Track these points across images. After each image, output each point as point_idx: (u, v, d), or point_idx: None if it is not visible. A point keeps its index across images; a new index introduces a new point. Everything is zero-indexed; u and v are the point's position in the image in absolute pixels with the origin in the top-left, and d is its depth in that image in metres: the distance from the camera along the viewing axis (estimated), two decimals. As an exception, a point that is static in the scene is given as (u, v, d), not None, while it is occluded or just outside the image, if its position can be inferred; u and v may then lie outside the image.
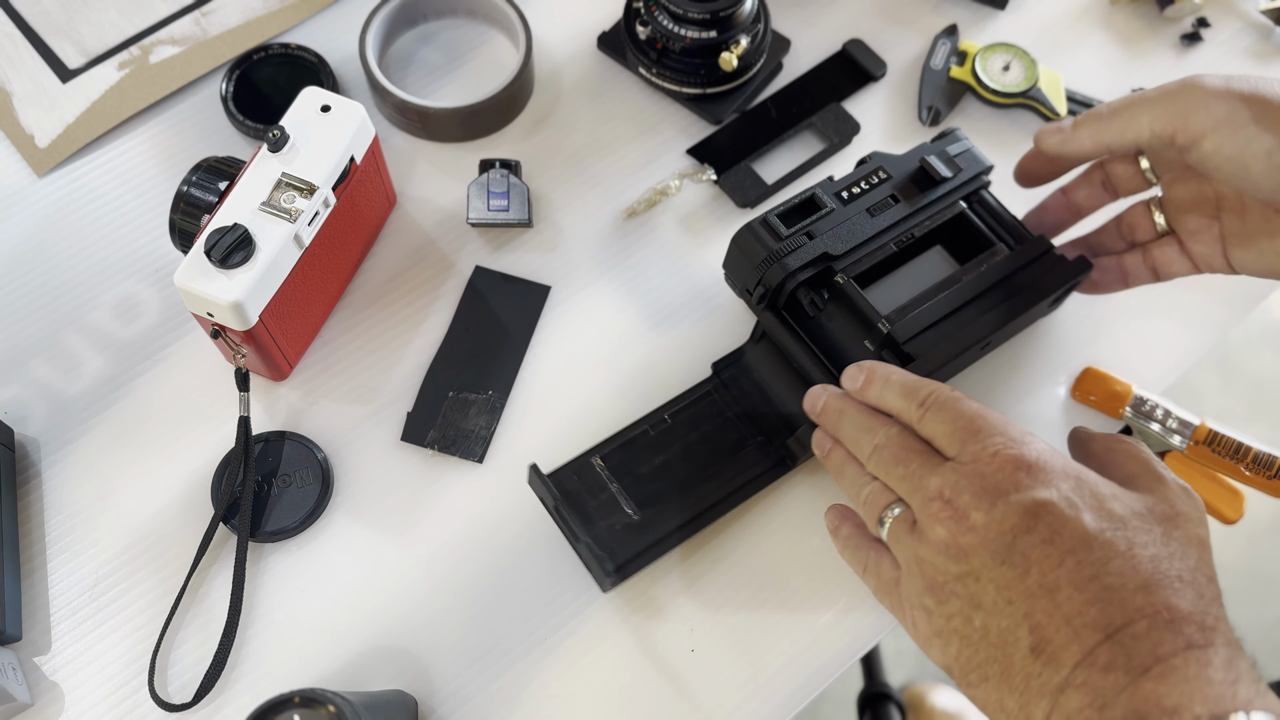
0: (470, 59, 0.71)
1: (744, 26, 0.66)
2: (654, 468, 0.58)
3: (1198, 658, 0.37)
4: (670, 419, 0.59)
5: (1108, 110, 0.52)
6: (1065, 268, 0.55)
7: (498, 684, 0.55)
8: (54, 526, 0.58)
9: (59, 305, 0.63)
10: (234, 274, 0.53)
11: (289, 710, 0.45)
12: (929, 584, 0.43)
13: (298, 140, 0.56)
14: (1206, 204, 0.54)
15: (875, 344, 0.53)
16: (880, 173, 0.57)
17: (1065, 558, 0.40)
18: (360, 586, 0.57)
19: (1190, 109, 0.48)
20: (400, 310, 0.63)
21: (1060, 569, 0.40)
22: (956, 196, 0.57)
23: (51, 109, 0.68)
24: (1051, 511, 0.41)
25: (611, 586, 0.56)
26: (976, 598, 0.41)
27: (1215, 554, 0.43)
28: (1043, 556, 0.40)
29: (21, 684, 0.53)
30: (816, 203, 0.56)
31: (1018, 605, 0.40)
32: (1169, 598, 0.39)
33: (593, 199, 0.67)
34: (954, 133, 0.59)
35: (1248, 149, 0.47)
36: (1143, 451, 0.46)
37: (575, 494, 0.57)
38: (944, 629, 0.42)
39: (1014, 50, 0.71)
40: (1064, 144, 0.54)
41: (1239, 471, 0.60)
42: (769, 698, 0.55)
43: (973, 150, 0.58)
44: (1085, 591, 0.39)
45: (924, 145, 0.58)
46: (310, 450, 0.59)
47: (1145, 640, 0.38)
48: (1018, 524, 0.41)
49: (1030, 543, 0.40)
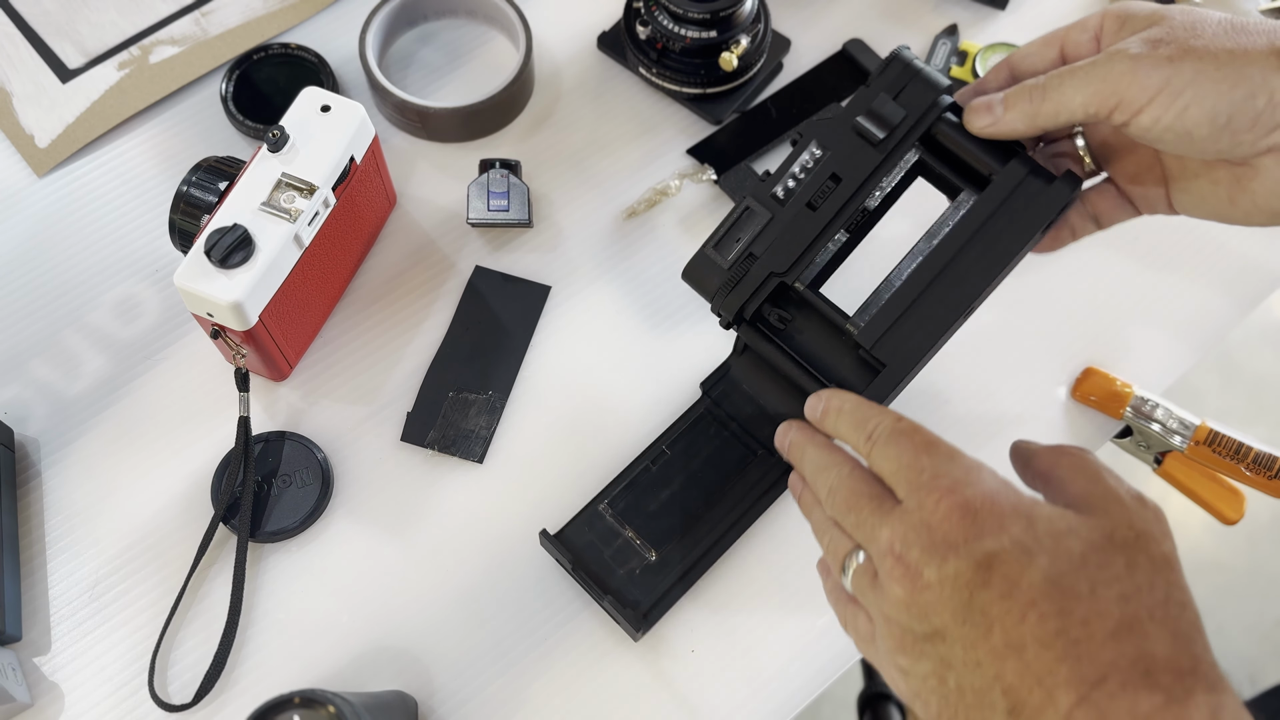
0: (470, 59, 0.71)
1: (744, 26, 0.66)
2: (662, 503, 0.57)
3: (1176, 716, 0.35)
4: (669, 450, 0.58)
5: (1039, 90, 0.47)
6: (1047, 197, 0.48)
7: (498, 684, 0.55)
8: (54, 526, 0.58)
9: (59, 305, 0.63)
10: (234, 274, 0.53)
11: (289, 710, 0.45)
12: (899, 644, 0.41)
13: (298, 140, 0.56)
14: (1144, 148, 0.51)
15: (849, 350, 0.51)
16: (814, 148, 0.50)
17: (1027, 612, 0.37)
18: (360, 586, 0.57)
19: (1123, 85, 0.45)
20: (400, 310, 0.63)
21: (1024, 625, 0.37)
22: (911, 142, 0.50)
23: (51, 109, 0.68)
24: (1005, 562, 0.38)
25: (640, 637, 0.55)
26: (946, 658, 0.39)
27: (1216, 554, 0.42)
28: (1003, 612, 0.38)
29: (21, 684, 0.53)
30: (753, 214, 0.51)
31: (986, 667, 0.38)
32: (1141, 644, 0.36)
33: (593, 199, 0.67)
34: (896, 59, 0.50)
35: (1187, 115, 0.44)
36: (1089, 463, 0.42)
37: (589, 546, 0.56)
38: (921, 690, 0.40)
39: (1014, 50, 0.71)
40: (994, 126, 0.49)
41: (1239, 471, 0.60)
42: (769, 698, 0.55)
43: (923, 74, 0.49)
44: (1052, 649, 0.37)
45: (859, 94, 0.50)
46: (310, 450, 0.59)
47: (1121, 699, 0.36)
48: (972, 579, 0.38)
49: (989, 598, 0.38)
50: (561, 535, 0.56)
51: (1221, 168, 0.48)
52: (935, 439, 0.42)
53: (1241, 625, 1.37)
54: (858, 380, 0.50)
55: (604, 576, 0.55)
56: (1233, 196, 0.48)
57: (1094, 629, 0.37)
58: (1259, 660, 1.35)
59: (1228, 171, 0.47)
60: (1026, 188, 0.49)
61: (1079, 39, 0.49)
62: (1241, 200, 0.48)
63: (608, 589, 0.55)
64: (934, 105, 0.50)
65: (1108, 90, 0.45)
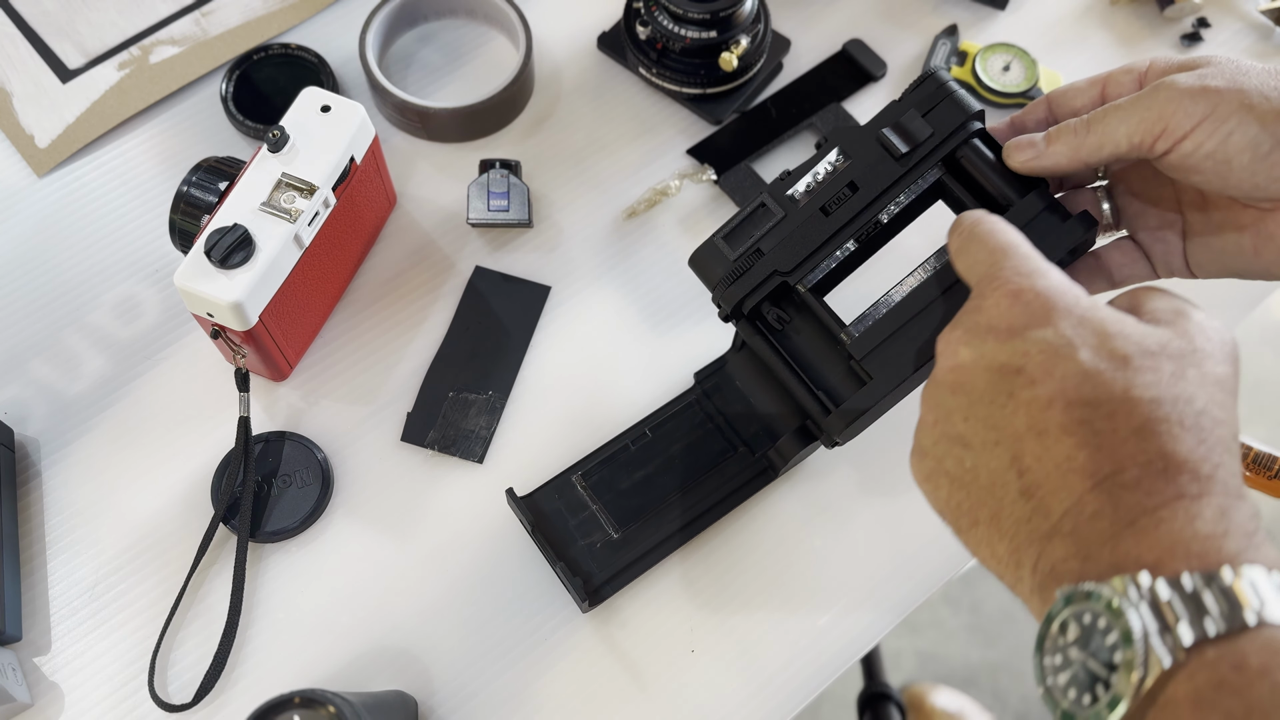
0: (470, 59, 0.71)
1: (744, 26, 0.66)
2: (635, 483, 0.57)
3: (1186, 509, 0.36)
4: (651, 433, 0.59)
5: (1083, 125, 0.49)
6: (1060, 233, 0.48)
7: (498, 684, 0.55)
8: (54, 526, 0.58)
9: (59, 305, 0.63)
10: (234, 274, 0.53)
11: (289, 711, 0.45)
12: (926, 420, 0.42)
13: (298, 140, 0.56)
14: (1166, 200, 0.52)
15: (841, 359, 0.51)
16: (838, 156, 0.51)
17: (1054, 399, 0.38)
18: (360, 586, 0.57)
19: (1169, 112, 0.46)
20: (400, 310, 0.63)
21: (1049, 411, 0.38)
22: (933, 161, 0.50)
23: (51, 109, 0.68)
24: (1044, 350, 0.39)
25: (589, 609, 0.56)
26: (966, 437, 0.40)
27: None
28: (1031, 398, 0.38)
29: (21, 684, 0.53)
30: (767, 211, 0.51)
31: (1005, 446, 0.39)
32: (1164, 444, 0.36)
33: (593, 199, 0.67)
34: (931, 78, 0.51)
35: (1230, 142, 0.45)
36: (1168, 291, 0.43)
37: (555, 514, 0.56)
38: (935, 470, 0.41)
39: (1014, 50, 0.71)
40: (1037, 160, 0.49)
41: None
42: (769, 698, 0.55)
43: (955, 96, 0.50)
44: (1074, 435, 0.37)
45: (889, 108, 0.51)
46: (310, 450, 0.59)
47: (1135, 490, 0.36)
48: (1006, 363, 0.39)
49: (1020, 383, 0.39)
50: (529, 498, 0.57)
51: (1248, 214, 0.48)
52: (1019, 238, 0.43)
53: (1241, 625, 1.37)
54: (844, 389, 0.50)
55: (563, 544, 0.55)
56: (1258, 247, 0.48)
57: (1118, 423, 0.37)
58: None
59: (1254, 219, 0.48)
60: (1041, 222, 0.48)
61: (1122, 80, 0.49)
62: (1267, 250, 0.48)
63: (563, 556, 0.55)
64: (962, 128, 0.50)
65: (1153, 117, 0.46)
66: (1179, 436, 0.37)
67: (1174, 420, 0.37)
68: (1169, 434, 0.37)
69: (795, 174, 0.51)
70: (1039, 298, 0.40)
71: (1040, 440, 0.38)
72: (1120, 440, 0.37)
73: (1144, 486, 0.36)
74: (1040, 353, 0.39)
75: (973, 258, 0.43)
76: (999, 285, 0.41)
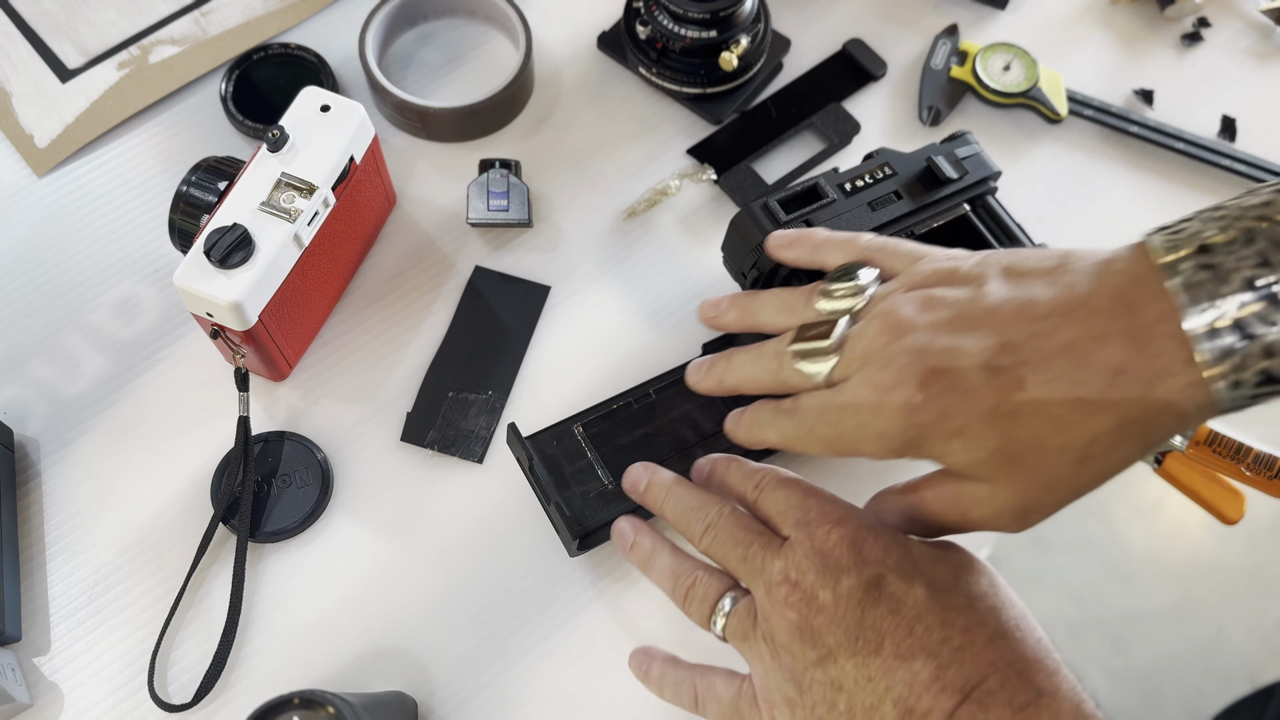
0: (470, 59, 0.71)
1: (744, 26, 0.66)
2: (634, 440, 0.57)
3: (1049, 706, 0.39)
4: (655, 394, 0.59)
5: None
6: None
7: (498, 684, 0.55)
8: (54, 527, 0.57)
9: (59, 305, 0.63)
10: (233, 274, 0.53)
11: (289, 711, 0.45)
12: (790, 674, 0.43)
13: (297, 140, 0.56)
14: None
15: None
16: (886, 168, 0.57)
17: (914, 625, 0.41)
18: (360, 586, 0.57)
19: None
20: (400, 310, 0.63)
21: (912, 637, 0.41)
22: (961, 199, 0.57)
23: (51, 109, 0.67)
24: (891, 583, 0.42)
25: (579, 552, 0.56)
26: (837, 680, 0.42)
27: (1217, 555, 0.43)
28: (893, 627, 0.41)
29: (21, 684, 0.53)
30: (819, 192, 0.56)
31: (878, 681, 0.41)
32: (1015, 647, 0.41)
33: (593, 199, 0.67)
34: (964, 135, 0.59)
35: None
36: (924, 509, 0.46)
37: (552, 458, 0.56)
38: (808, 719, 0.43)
39: (1014, 50, 0.71)
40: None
41: (1239, 472, 0.60)
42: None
43: (981, 155, 0.58)
44: (938, 656, 0.41)
45: (932, 146, 0.59)
46: (310, 450, 0.59)
47: (1000, 695, 0.40)
48: (864, 598, 0.42)
49: (878, 615, 0.42)
50: (530, 438, 0.57)
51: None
52: (817, 487, 0.47)
53: (1241, 625, 1.37)
54: None
55: (558, 486, 0.56)
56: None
57: (975, 636, 0.41)
58: (1259, 660, 1.35)
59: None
60: None
61: None
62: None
63: (556, 497, 0.55)
64: (989, 176, 0.58)
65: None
66: (1022, 639, 0.42)
67: (1012, 626, 0.42)
68: (1016, 639, 0.42)
69: (846, 172, 0.57)
70: (869, 536, 0.44)
71: (908, 666, 0.41)
72: (980, 651, 0.41)
73: (1007, 691, 0.40)
74: (889, 583, 0.42)
75: (784, 503, 0.46)
76: (831, 527, 0.44)
